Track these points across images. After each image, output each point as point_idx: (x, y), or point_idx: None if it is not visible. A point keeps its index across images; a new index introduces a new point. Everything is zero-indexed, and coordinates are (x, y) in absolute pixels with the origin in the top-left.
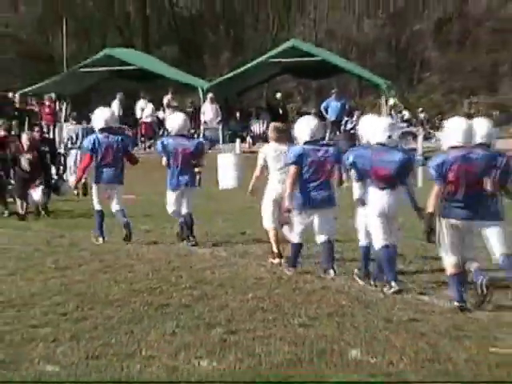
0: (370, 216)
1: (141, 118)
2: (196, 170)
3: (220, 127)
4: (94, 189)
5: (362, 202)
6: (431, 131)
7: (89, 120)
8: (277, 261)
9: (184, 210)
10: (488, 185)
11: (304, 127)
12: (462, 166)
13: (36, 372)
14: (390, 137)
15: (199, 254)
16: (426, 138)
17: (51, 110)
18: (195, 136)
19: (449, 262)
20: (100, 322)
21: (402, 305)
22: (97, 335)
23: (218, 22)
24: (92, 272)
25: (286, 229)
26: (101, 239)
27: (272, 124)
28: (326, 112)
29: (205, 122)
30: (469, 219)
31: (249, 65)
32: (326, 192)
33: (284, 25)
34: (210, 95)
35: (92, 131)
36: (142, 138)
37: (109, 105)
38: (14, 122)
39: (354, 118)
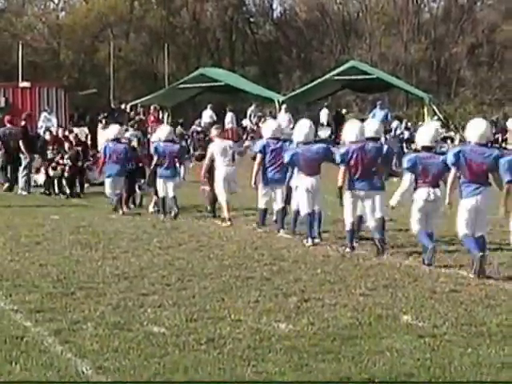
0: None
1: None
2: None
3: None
4: (108, 181)
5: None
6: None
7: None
8: (227, 224)
9: (170, 194)
10: (378, 167)
11: (268, 127)
12: (359, 155)
13: (145, 332)
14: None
15: (277, 236)
16: (461, 141)
17: (155, 118)
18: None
19: (348, 221)
20: (197, 292)
21: (444, 278)
22: (194, 302)
23: (291, 46)
24: (190, 250)
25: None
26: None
27: (214, 127)
28: None
29: None
30: (365, 190)
31: (316, 82)
32: (281, 173)
33: (345, 49)
34: (284, 106)
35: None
36: None
37: (200, 114)
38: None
39: (403, 125)
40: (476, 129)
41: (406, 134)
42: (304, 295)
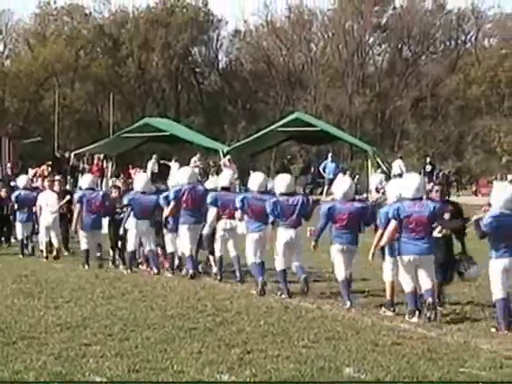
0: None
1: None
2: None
3: (237, 182)
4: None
5: None
6: None
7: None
8: (44, 260)
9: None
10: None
11: (84, 180)
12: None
13: (87, 382)
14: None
15: (220, 286)
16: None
17: (99, 168)
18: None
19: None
20: (139, 342)
21: (386, 331)
22: (137, 353)
23: (236, 97)
24: (132, 300)
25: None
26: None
27: (47, 179)
28: (324, 171)
29: None
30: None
31: (260, 133)
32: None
33: (290, 100)
34: (228, 157)
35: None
36: None
37: (146, 164)
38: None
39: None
40: (255, 180)
41: None
42: (247, 346)
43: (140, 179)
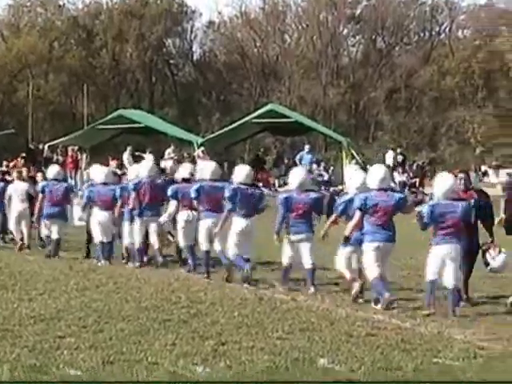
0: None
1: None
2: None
3: None
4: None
5: None
6: None
7: None
8: (17, 249)
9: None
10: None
11: (50, 171)
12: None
13: (61, 375)
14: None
15: (194, 278)
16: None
17: (73, 160)
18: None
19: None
20: (114, 334)
21: (360, 322)
22: (111, 344)
23: (211, 88)
24: (107, 292)
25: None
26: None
27: (16, 170)
28: (300, 163)
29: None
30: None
31: (235, 124)
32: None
33: (264, 91)
34: (201, 148)
35: None
36: None
37: (121, 156)
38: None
39: (321, 168)
40: (207, 169)
41: (326, 177)
42: (221, 338)
43: (99, 171)
